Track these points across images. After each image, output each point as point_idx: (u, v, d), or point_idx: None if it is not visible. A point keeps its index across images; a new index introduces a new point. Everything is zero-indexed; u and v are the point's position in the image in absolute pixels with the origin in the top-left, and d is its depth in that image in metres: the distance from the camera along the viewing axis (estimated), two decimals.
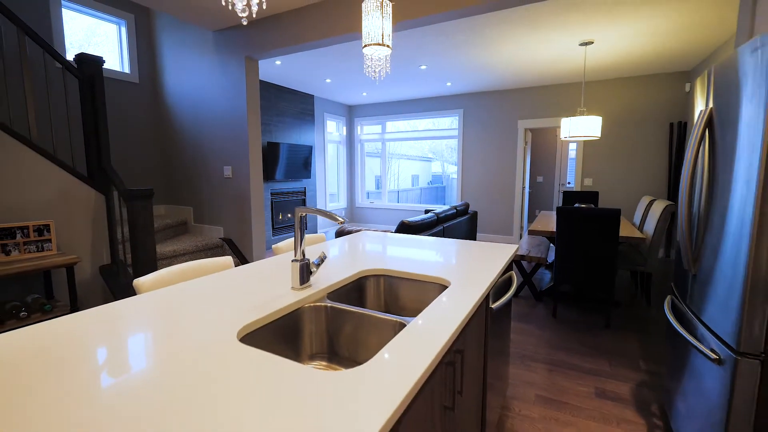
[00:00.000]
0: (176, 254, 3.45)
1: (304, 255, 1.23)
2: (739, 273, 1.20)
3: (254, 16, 2.37)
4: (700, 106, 1.58)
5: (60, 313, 2.42)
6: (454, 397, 1.00)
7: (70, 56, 3.55)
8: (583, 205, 3.48)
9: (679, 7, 3.03)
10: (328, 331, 1.18)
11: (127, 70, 4.08)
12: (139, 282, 1.24)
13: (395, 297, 1.45)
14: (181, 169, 4.19)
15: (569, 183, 7.31)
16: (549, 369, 2.32)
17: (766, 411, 1.19)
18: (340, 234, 4.22)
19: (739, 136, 1.25)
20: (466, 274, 1.38)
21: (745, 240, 1.18)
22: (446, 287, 1.30)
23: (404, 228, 3.49)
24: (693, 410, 1.47)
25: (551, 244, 5.05)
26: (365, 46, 1.49)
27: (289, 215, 6.19)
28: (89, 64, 2.71)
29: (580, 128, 3.84)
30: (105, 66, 3.87)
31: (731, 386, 1.22)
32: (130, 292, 2.65)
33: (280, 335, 1.07)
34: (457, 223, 4.59)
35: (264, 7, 1.44)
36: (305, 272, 1.23)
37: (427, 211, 6.48)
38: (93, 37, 3.91)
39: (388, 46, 1.49)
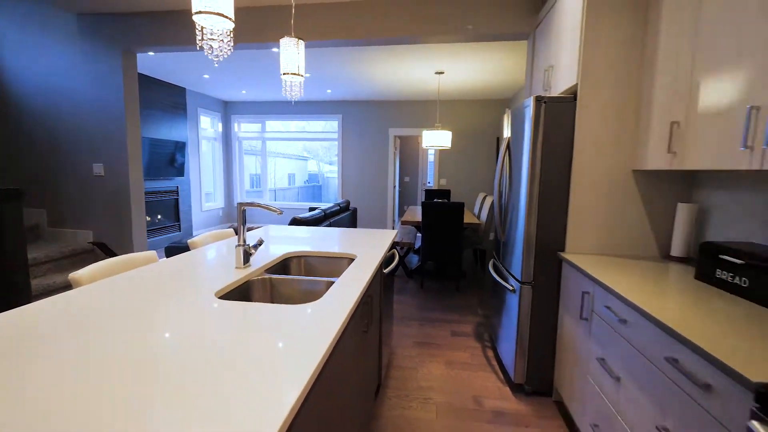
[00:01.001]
0: (36, 263, 3.05)
1: (245, 241, 1.57)
2: (521, 236, 2.05)
3: None
4: (507, 133, 2.47)
5: None
6: (368, 325, 1.51)
7: None
8: (439, 200, 4.44)
9: (501, 54, 4.20)
10: (272, 295, 1.55)
11: None
12: (77, 275, 1.36)
13: (315, 271, 1.88)
14: (31, 167, 3.61)
15: (429, 182, 8.66)
16: (420, 324, 3.07)
17: (535, 317, 2.06)
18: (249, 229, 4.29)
19: (522, 152, 2.10)
20: (366, 250, 1.91)
21: (523, 216, 2.02)
22: (353, 259, 1.81)
23: (296, 223, 3.85)
24: (505, 329, 2.33)
25: (418, 233, 6.07)
26: (284, 73, 1.87)
27: (159, 217, 5.73)
28: None
29: (436, 139, 4.83)
30: None
31: (519, 305, 2.07)
32: None
33: (241, 299, 1.40)
34: (341, 218, 5.13)
35: None
36: (247, 255, 1.57)
37: (311, 209, 6.86)
38: None
39: (302, 75, 1.91)
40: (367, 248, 1.94)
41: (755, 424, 0.73)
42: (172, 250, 3.55)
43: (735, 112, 1.21)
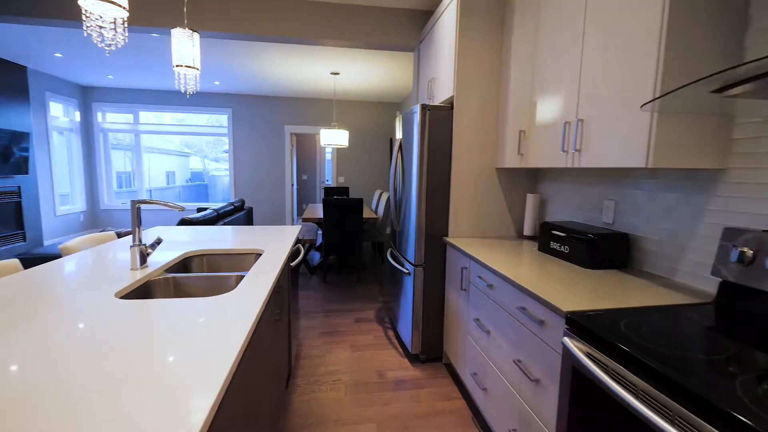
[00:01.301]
0: None
1: (140, 241, 1.49)
2: (413, 225, 2.35)
3: None
4: (399, 135, 2.75)
5: None
6: (280, 314, 1.59)
7: None
8: (338, 197, 4.61)
9: (393, 63, 4.55)
10: (178, 295, 1.51)
11: None
12: None
13: (220, 269, 1.86)
14: None
15: (327, 180, 8.78)
16: (325, 315, 3.20)
17: (427, 294, 2.38)
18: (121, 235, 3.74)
19: (413, 155, 2.39)
20: (272, 245, 1.96)
21: (414, 208, 2.32)
22: (261, 254, 1.85)
23: (185, 224, 3.59)
24: (402, 309, 2.62)
25: (319, 229, 6.14)
26: (177, 66, 1.80)
27: None
28: None
29: (334, 138, 4.98)
30: None
31: (413, 285, 2.36)
32: None
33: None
34: (236, 218, 4.91)
35: None
36: (143, 256, 1.49)
37: (200, 209, 6.35)
38: None
39: (196, 68, 1.86)
40: (274, 243, 1.99)
41: (566, 339, 1.08)
42: (24, 264, 2.96)
43: (557, 125, 1.66)
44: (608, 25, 1.36)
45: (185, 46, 1.78)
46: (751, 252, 1.05)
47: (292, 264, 2.00)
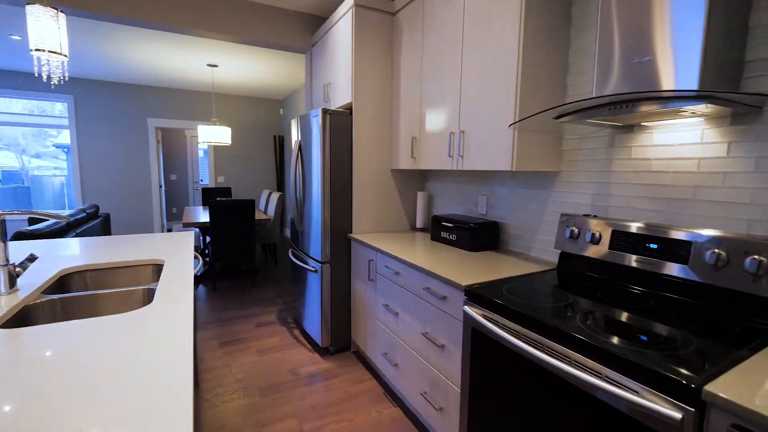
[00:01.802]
0: None
1: (8, 260, 1.25)
2: (318, 224, 2.44)
3: None
4: (296, 137, 2.79)
5: None
6: (195, 325, 1.52)
7: None
8: (225, 198, 4.33)
9: (274, 58, 4.45)
10: (69, 319, 1.30)
11: None
12: None
13: (109, 286, 1.64)
14: None
15: (203, 180, 8.00)
16: (222, 324, 3.03)
17: (334, 288, 2.51)
18: None
19: (312, 155, 2.48)
20: (172, 253, 1.82)
21: (318, 207, 2.42)
22: (162, 265, 1.70)
23: (24, 237, 2.92)
24: (309, 307, 2.69)
25: (200, 235, 5.60)
26: (37, 50, 1.51)
27: None
28: None
29: (215, 135, 4.63)
30: None
31: (321, 282, 2.47)
32: None
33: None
34: (91, 227, 4.16)
35: None
36: (12, 277, 1.25)
37: (32, 221, 5.10)
38: None
39: (65, 54, 1.60)
40: (171, 251, 1.85)
41: (466, 307, 1.37)
42: None
43: (444, 134, 1.99)
44: (480, 65, 1.71)
45: (47, 27, 1.51)
46: (577, 230, 1.52)
47: (195, 272, 1.89)
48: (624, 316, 1.09)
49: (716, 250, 1.11)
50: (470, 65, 1.77)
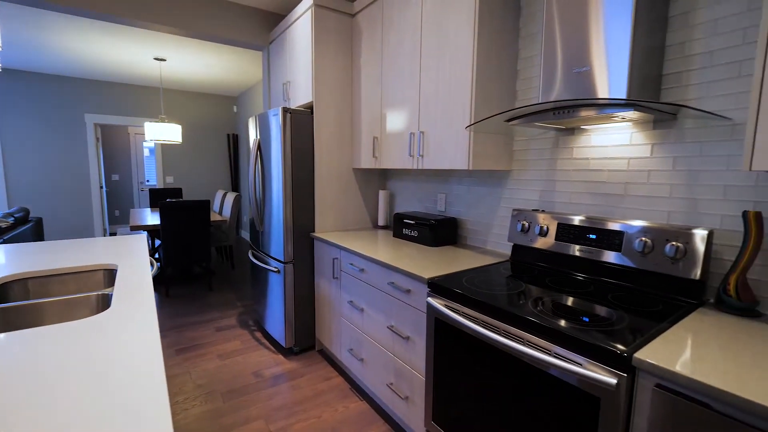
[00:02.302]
0: None
1: None
2: (279, 224, 2.42)
3: None
4: (254, 135, 2.74)
5: None
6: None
7: None
8: (176, 200, 4.12)
9: (228, 54, 4.30)
10: (11, 328, 1.20)
11: None
12: None
13: (53, 294, 1.53)
14: None
15: (149, 181, 7.52)
16: (178, 331, 2.90)
17: (297, 288, 2.50)
18: None
19: (271, 154, 2.45)
20: (124, 257, 1.73)
21: (280, 207, 2.40)
22: (115, 269, 1.62)
23: None
24: (271, 308, 2.66)
25: (148, 238, 5.28)
26: None
27: None
28: None
29: (163, 133, 4.39)
30: None
31: (284, 282, 2.45)
32: None
33: None
34: (21, 233, 3.80)
35: None
36: None
37: None
38: None
39: None
40: (124, 256, 1.75)
41: (429, 299, 1.45)
42: None
43: (404, 134, 2.06)
44: (437, 69, 1.80)
45: None
46: (528, 224, 1.65)
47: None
48: (569, 300, 1.22)
49: (643, 239, 1.28)
50: (428, 69, 1.85)
